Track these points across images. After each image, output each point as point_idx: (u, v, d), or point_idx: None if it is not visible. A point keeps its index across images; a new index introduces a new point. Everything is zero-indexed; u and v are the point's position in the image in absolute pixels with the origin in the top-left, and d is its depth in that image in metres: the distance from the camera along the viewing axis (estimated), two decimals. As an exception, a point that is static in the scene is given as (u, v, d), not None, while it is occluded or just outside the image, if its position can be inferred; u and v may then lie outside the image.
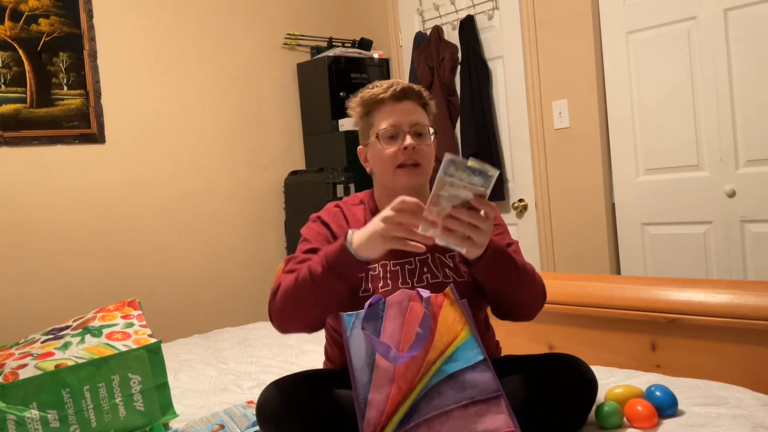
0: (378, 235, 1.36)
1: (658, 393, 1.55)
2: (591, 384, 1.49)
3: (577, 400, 1.46)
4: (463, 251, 1.38)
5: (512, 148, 3.35)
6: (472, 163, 1.29)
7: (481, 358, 1.39)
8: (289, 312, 1.48)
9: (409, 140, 1.55)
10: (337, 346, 1.63)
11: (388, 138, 1.57)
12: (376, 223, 1.37)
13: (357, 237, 1.40)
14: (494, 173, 1.30)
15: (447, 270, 1.57)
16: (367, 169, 1.65)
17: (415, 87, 1.61)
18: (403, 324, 1.38)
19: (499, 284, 1.48)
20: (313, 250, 1.55)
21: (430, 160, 1.60)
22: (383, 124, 1.58)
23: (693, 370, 1.81)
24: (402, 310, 1.39)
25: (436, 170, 1.34)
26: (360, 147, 1.66)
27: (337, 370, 1.60)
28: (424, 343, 1.35)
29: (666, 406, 1.53)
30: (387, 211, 1.36)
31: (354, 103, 1.65)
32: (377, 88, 1.60)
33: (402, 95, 1.58)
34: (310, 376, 1.54)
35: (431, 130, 1.61)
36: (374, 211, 1.62)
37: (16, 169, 3.03)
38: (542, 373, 1.47)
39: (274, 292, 1.50)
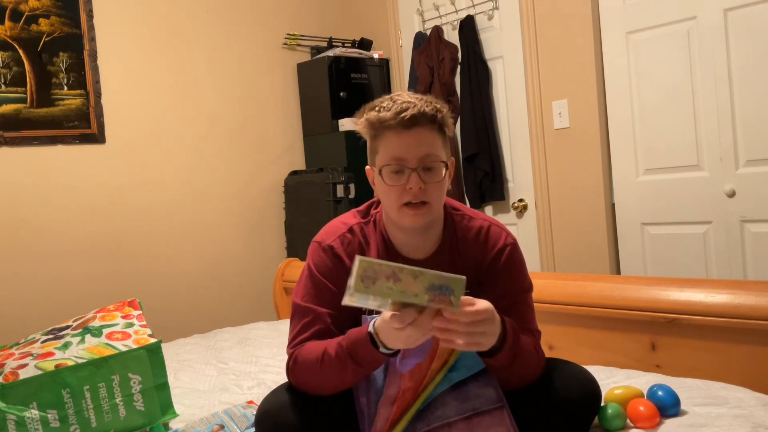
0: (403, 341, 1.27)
1: (660, 393, 1.55)
2: (596, 396, 1.47)
3: (582, 411, 1.44)
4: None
5: (512, 148, 3.35)
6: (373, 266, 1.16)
7: (483, 366, 1.39)
8: (312, 388, 1.42)
9: (414, 181, 1.38)
10: None
11: (392, 173, 1.40)
12: (391, 329, 1.26)
13: (382, 330, 1.28)
14: (400, 267, 1.17)
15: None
16: (375, 193, 1.50)
17: (428, 111, 1.39)
18: None
19: (507, 375, 1.41)
20: (319, 299, 1.46)
21: (440, 195, 1.44)
22: (387, 157, 1.40)
23: (693, 370, 1.81)
24: None
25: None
26: (368, 167, 1.51)
27: None
28: (427, 349, 1.34)
29: (669, 406, 1.53)
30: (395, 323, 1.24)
31: (361, 125, 1.46)
32: (385, 111, 1.40)
33: (412, 122, 1.38)
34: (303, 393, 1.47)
35: (444, 161, 1.42)
36: (386, 238, 1.51)
37: (16, 169, 3.03)
38: (546, 384, 1.44)
39: (290, 366, 1.44)
